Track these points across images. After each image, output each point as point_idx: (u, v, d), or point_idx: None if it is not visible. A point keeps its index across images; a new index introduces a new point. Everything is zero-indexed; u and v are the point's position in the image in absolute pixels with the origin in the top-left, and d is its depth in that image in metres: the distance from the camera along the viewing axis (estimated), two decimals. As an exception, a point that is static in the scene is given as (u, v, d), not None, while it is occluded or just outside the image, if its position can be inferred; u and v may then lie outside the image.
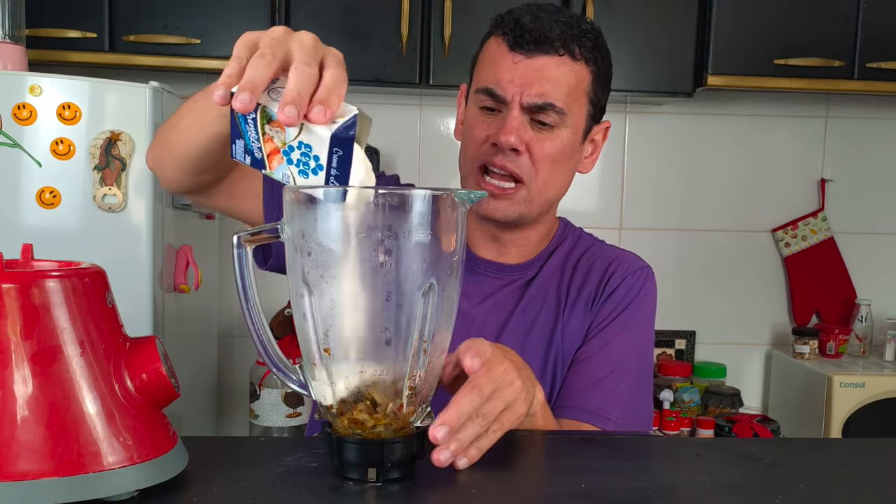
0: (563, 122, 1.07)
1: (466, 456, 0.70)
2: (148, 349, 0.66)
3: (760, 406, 2.67)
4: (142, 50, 2.07)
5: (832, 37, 2.21)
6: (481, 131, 1.08)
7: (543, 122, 1.07)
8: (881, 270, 2.67)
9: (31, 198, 1.64)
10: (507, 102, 1.06)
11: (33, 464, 0.58)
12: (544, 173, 1.08)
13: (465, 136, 1.13)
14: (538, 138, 1.07)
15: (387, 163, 2.45)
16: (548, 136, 1.07)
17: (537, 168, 1.08)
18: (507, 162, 1.07)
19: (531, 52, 1.05)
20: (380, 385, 0.68)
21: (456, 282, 0.70)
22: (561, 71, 1.05)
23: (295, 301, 0.69)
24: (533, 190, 1.09)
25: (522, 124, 1.06)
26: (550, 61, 1.05)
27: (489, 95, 1.08)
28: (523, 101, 1.05)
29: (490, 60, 1.09)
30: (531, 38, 1.04)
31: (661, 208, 2.59)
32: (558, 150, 1.08)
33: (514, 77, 1.05)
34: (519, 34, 1.05)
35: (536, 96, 1.05)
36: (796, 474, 0.76)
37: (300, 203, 0.67)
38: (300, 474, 0.71)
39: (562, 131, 1.08)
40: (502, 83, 1.06)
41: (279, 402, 2.21)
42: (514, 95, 1.05)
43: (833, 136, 2.62)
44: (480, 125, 1.09)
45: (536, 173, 1.08)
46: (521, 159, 1.07)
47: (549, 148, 1.07)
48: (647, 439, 0.91)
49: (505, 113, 1.06)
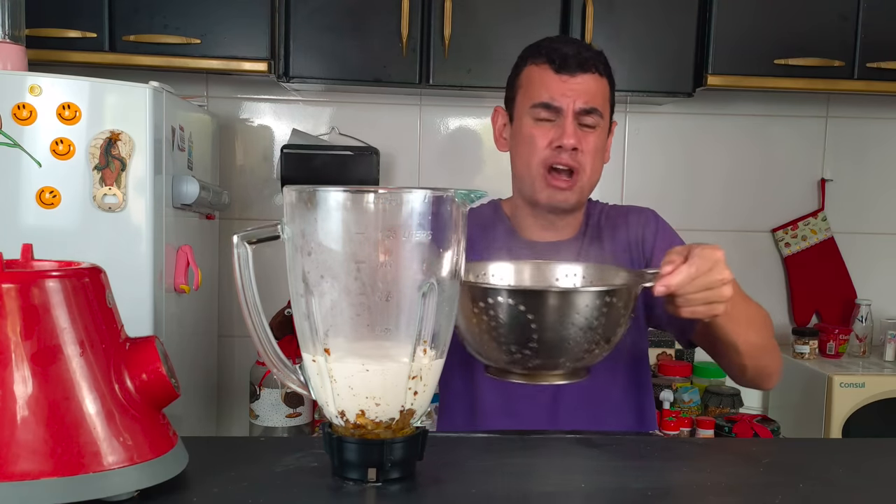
0: (600, 122, 1.36)
1: (695, 314, 1.02)
2: (148, 349, 0.66)
3: (760, 406, 2.66)
4: (142, 50, 2.06)
5: (832, 37, 2.21)
6: (542, 139, 1.34)
7: (587, 125, 1.34)
8: (881, 270, 2.66)
9: (31, 198, 1.64)
10: (563, 112, 1.33)
11: (33, 464, 0.58)
12: (591, 164, 1.36)
13: (522, 146, 1.38)
14: (586, 137, 1.35)
15: (387, 163, 2.45)
16: (591, 134, 1.35)
17: (587, 160, 1.35)
18: (570, 160, 1.33)
19: (574, 72, 1.33)
20: (380, 385, 0.68)
21: (456, 281, 0.70)
22: (596, 84, 1.35)
23: (295, 301, 0.69)
24: (584, 179, 1.36)
25: (576, 128, 1.33)
26: (589, 78, 1.34)
27: (546, 108, 1.34)
28: (576, 107, 1.33)
29: (540, 82, 1.35)
30: (573, 62, 1.33)
31: (661, 208, 2.55)
32: (600, 144, 1.37)
33: (566, 91, 1.33)
34: (563, 60, 1.33)
35: (584, 103, 1.33)
36: (796, 474, 0.76)
37: (300, 203, 0.67)
38: (300, 474, 0.71)
39: (599, 130, 1.36)
40: (556, 97, 1.33)
41: (279, 402, 2.21)
42: (567, 106, 1.33)
43: (833, 136, 2.62)
44: (540, 133, 1.35)
45: (587, 165, 1.35)
46: (579, 156, 1.34)
47: (593, 143, 1.36)
48: (647, 439, 0.91)
49: (561, 121, 1.33)
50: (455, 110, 2.51)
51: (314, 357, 0.69)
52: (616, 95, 1.43)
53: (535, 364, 0.94)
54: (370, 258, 0.65)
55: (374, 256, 0.65)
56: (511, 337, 0.92)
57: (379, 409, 0.68)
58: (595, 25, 2.14)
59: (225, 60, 2.09)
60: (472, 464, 0.77)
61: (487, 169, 2.48)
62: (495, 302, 0.90)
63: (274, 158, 2.47)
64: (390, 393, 0.68)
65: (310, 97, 2.48)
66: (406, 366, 0.68)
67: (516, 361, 0.95)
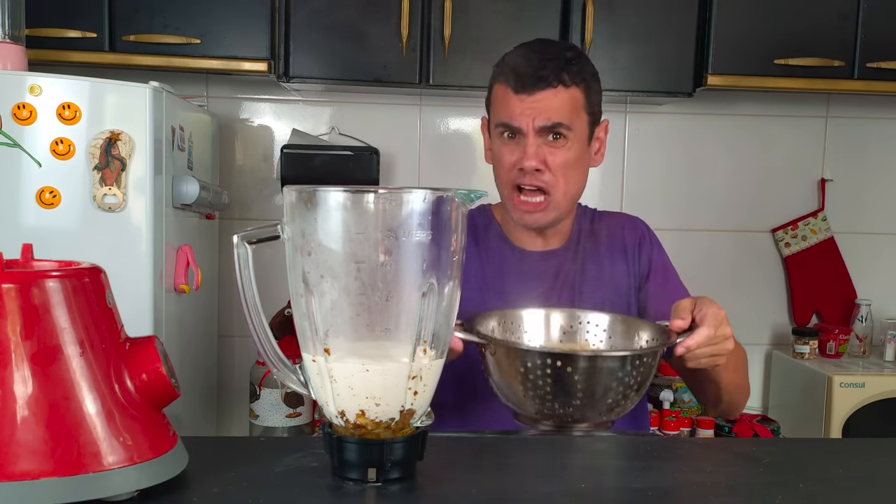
0: (570, 135, 1.31)
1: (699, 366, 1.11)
2: (148, 349, 0.66)
3: (760, 406, 2.66)
4: (142, 50, 2.06)
5: (832, 37, 2.21)
6: (508, 158, 1.33)
7: (556, 136, 1.30)
8: (881, 270, 2.66)
9: (31, 198, 1.64)
10: (523, 132, 1.30)
11: (33, 464, 0.58)
12: (564, 180, 1.32)
13: (495, 163, 1.38)
14: (553, 153, 1.31)
15: (387, 163, 2.45)
16: (560, 149, 1.31)
17: (557, 177, 1.31)
18: (534, 180, 1.31)
19: (531, 90, 1.28)
20: (380, 385, 0.68)
21: (456, 282, 0.70)
22: (559, 98, 1.29)
23: (295, 301, 0.69)
24: (559, 196, 1.33)
25: (539, 147, 1.30)
26: (550, 94, 1.29)
27: (506, 128, 1.32)
28: (535, 126, 1.29)
29: (501, 102, 1.33)
30: (529, 81, 1.28)
31: (661, 208, 2.58)
32: (572, 158, 1.32)
33: (524, 110, 1.29)
34: (518, 79, 1.29)
35: (545, 120, 1.28)
36: (796, 474, 0.76)
37: (300, 203, 0.67)
38: (300, 474, 0.71)
39: (571, 143, 1.31)
40: (514, 116, 1.30)
41: (279, 402, 2.21)
42: (527, 125, 1.29)
43: (833, 136, 2.62)
44: (506, 152, 1.33)
45: (557, 182, 1.32)
46: (545, 175, 1.31)
47: (562, 158, 1.31)
48: (647, 439, 0.91)
49: (523, 141, 1.31)
50: (455, 110, 2.51)
51: (314, 357, 0.69)
52: (616, 95, 1.43)
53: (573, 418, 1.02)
54: (370, 258, 0.65)
55: (374, 256, 0.65)
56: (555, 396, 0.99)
57: (379, 409, 0.68)
58: (595, 25, 2.14)
59: (225, 60, 2.09)
60: (472, 464, 0.77)
61: (487, 169, 2.46)
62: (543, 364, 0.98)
63: (274, 158, 2.48)
64: (390, 393, 0.68)
65: (310, 97, 2.48)
66: (406, 366, 0.68)
67: (554, 415, 1.01)
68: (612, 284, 1.41)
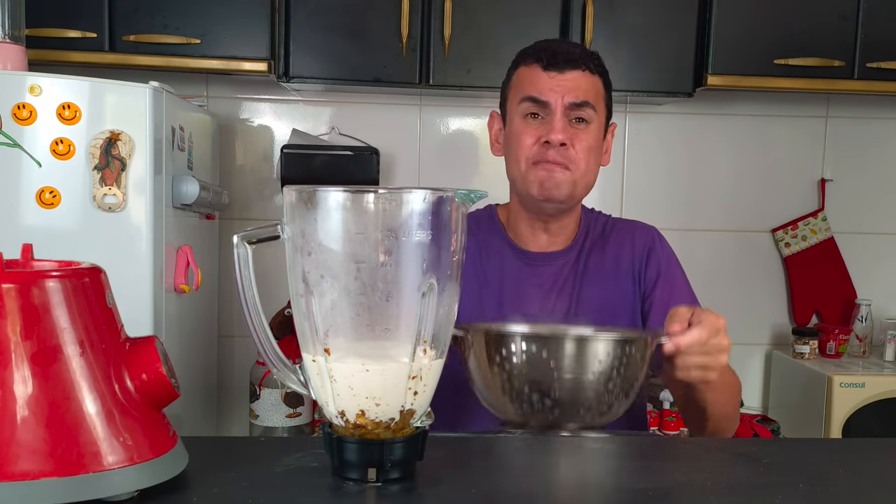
0: (593, 121, 1.32)
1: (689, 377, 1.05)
2: (148, 349, 0.66)
3: (760, 406, 2.66)
4: (142, 50, 2.06)
5: (832, 37, 2.21)
6: (530, 135, 1.31)
7: (581, 119, 1.31)
8: (881, 270, 2.66)
9: (31, 198, 1.64)
10: (551, 107, 1.30)
11: (33, 464, 0.58)
12: (585, 161, 1.32)
13: (512, 144, 1.35)
14: (577, 134, 1.31)
15: (387, 163, 2.45)
16: (584, 131, 1.32)
17: (580, 157, 1.31)
18: (558, 156, 1.30)
19: (563, 69, 1.30)
20: (380, 385, 0.68)
21: (456, 282, 0.70)
22: (587, 80, 1.32)
23: (295, 301, 0.69)
24: (579, 174, 1.32)
25: (566, 124, 1.30)
26: (578, 74, 1.31)
27: (534, 102, 1.31)
28: (565, 102, 1.29)
29: (529, 80, 1.32)
30: (562, 58, 1.30)
31: (661, 208, 2.58)
32: (594, 141, 1.33)
33: (554, 86, 1.29)
34: (551, 56, 1.31)
35: (574, 97, 1.29)
36: (796, 474, 0.76)
37: (300, 203, 0.67)
38: (300, 474, 0.71)
39: (593, 126, 1.33)
40: (544, 91, 1.30)
41: (279, 402, 2.21)
42: (556, 101, 1.29)
43: (833, 136, 2.62)
44: (528, 130, 1.32)
45: (580, 161, 1.31)
46: (569, 152, 1.30)
47: (586, 140, 1.31)
48: (647, 439, 0.91)
49: (549, 117, 1.30)
50: (455, 110, 2.51)
51: (314, 357, 0.69)
52: (616, 95, 1.42)
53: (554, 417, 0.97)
54: (370, 258, 0.65)
55: (374, 256, 0.65)
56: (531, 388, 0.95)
57: (379, 409, 0.68)
58: (595, 25, 2.14)
59: (225, 60, 2.09)
60: (472, 464, 0.77)
61: (487, 169, 2.48)
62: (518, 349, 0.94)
63: (274, 158, 2.48)
64: (390, 393, 0.68)
65: (310, 97, 2.48)
66: (406, 366, 0.68)
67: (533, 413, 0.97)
68: (614, 291, 1.38)
